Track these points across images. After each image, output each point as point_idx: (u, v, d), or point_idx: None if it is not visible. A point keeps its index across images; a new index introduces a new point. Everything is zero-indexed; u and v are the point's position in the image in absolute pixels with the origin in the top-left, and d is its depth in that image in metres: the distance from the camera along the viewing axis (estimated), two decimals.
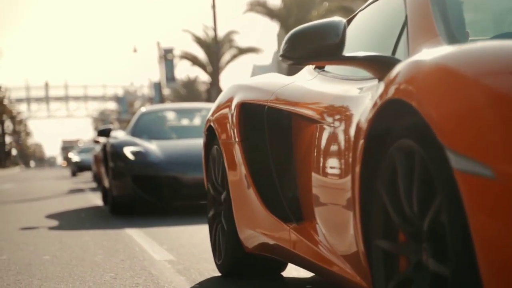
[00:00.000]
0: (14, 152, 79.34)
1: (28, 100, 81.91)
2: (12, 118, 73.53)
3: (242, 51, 44.70)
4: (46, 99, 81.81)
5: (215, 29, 29.87)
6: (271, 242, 3.23)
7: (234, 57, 44.49)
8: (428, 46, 2.43)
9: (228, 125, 3.56)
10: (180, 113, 10.68)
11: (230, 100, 3.65)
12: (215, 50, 31.85)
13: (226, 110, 3.65)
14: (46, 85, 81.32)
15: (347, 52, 2.63)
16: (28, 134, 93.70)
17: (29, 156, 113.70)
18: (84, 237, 6.32)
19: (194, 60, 45.94)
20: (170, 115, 10.52)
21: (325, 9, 32.29)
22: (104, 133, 9.73)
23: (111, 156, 8.71)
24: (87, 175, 29.26)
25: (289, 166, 3.15)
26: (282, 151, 3.18)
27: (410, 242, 2.08)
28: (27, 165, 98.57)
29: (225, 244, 3.70)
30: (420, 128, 1.91)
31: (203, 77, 63.02)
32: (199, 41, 45.67)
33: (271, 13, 37.64)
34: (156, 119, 10.28)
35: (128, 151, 8.54)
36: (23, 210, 10.48)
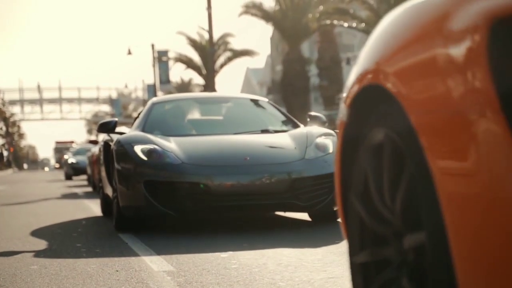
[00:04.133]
0: (7, 154, 78.83)
1: (22, 102, 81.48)
2: (5, 120, 73.17)
3: (237, 54, 44.40)
4: (40, 101, 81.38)
5: (210, 32, 29.52)
6: None
7: (229, 59, 44.19)
8: None
9: (444, 78, 1.42)
10: (201, 103, 8.52)
11: (438, 25, 1.47)
12: (210, 52, 31.47)
13: (432, 48, 1.48)
14: (38, 87, 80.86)
15: None
16: (21, 136, 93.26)
17: (23, 158, 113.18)
18: (75, 244, 5.94)
19: (189, 63, 45.62)
20: (189, 106, 8.35)
21: (321, 11, 32.01)
22: (107, 127, 7.64)
23: (117, 156, 6.82)
24: (83, 177, 28.83)
25: None
26: None
27: None
28: (20, 167, 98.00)
29: None
30: None
31: (198, 80, 62.92)
32: (193, 43, 45.38)
33: (266, 16, 37.42)
34: (171, 111, 8.15)
35: (139, 150, 6.67)
36: (14, 213, 10.09)
